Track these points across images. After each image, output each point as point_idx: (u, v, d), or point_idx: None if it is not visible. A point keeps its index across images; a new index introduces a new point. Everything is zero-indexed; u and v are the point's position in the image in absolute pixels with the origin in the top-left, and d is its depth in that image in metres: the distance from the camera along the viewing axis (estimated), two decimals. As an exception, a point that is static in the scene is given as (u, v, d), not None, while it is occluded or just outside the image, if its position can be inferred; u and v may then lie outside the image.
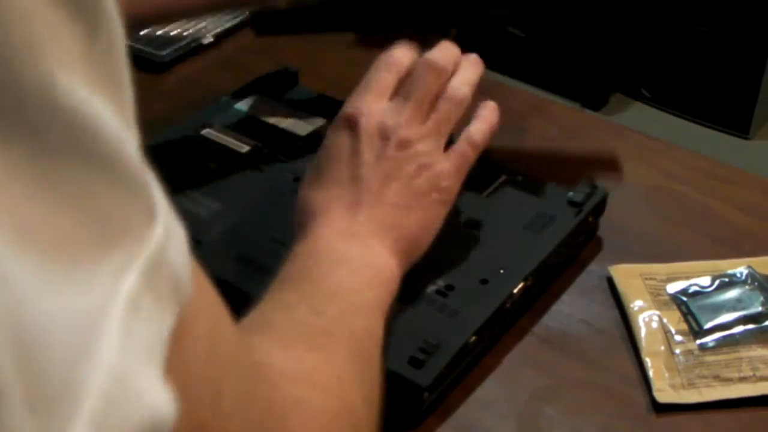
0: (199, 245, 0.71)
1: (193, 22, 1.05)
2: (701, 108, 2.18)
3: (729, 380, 0.64)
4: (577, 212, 0.74)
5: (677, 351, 0.66)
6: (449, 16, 0.82)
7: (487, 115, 0.69)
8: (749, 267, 0.72)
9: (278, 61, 0.99)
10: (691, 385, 0.64)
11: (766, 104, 2.14)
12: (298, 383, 0.48)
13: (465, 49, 0.71)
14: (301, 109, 0.86)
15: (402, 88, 0.66)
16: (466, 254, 0.70)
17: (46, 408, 0.25)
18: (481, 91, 0.97)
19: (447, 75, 0.68)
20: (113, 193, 0.29)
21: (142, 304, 0.29)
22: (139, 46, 1.00)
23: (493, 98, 0.96)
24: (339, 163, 0.63)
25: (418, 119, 0.65)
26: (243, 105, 0.87)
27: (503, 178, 0.78)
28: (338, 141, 0.64)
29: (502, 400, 0.64)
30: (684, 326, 0.68)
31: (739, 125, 2.15)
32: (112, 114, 0.29)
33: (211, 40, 1.04)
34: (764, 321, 0.67)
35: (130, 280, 0.28)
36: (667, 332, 0.68)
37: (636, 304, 0.70)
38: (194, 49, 1.02)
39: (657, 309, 0.69)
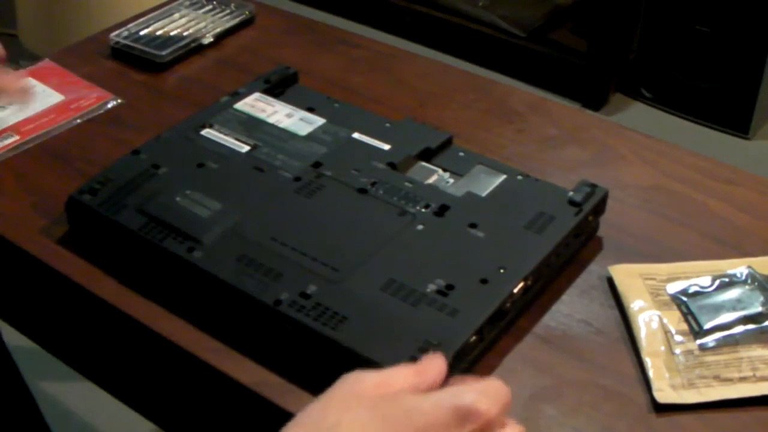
0: (199, 245, 0.71)
1: (193, 22, 1.05)
2: (701, 108, 2.18)
3: (729, 380, 0.64)
4: (577, 212, 0.74)
5: (677, 351, 0.66)
6: None
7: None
8: (749, 267, 0.72)
9: (278, 61, 0.99)
10: (691, 385, 0.64)
11: (765, 104, 2.14)
12: None
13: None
14: (301, 108, 0.86)
15: None
16: (466, 254, 0.70)
17: None
18: (482, 91, 0.97)
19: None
20: None
21: None
22: (139, 46, 1.00)
23: (493, 98, 0.96)
24: None
25: None
26: (243, 105, 0.87)
27: (503, 177, 0.78)
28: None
29: (502, 400, 0.64)
30: (684, 326, 0.68)
31: (739, 125, 2.15)
32: None
33: (211, 40, 1.04)
34: (764, 321, 0.67)
35: None
36: (667, 332, 0.68)
37: (636, 304, 0.70)
38: (194, 49, 1.02)
39: (657, 309, 0.69)
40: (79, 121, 0.92)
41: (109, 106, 0.94)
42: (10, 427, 1.18)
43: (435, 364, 0.54)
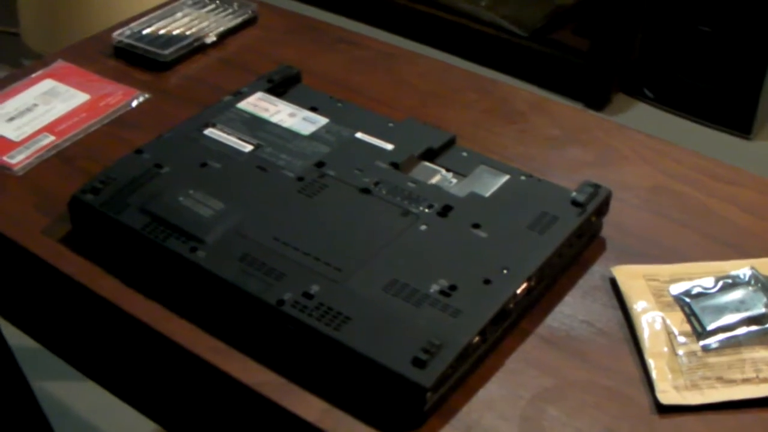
0: (201, 245, 0.71)
1: (196, 22, 1.05)
2: (703, 108, 2.18)
3: (732, 381, 0.64)
4: (580, 212, 0.74)
5: (680, 352, 0.66)
6: None
7: None
8: (752, 268, 0.72)
9: (280, 60, 0.99)
10: (694, 386, 0.64)
11: (767, 104, 2.14)
12: None
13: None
14: (304, 108, 0.86)
15: None
16: (469, 254, 0.70)
17: None
18: (484, 91, 0.97)
19: None
20: None
21: None
22: (142, 45, 1.00)
23: (495, 98, 0.96)
24: None
25: None
26: (245, 104, 0.87)
27: (506, 178, 0.78)
28: None
29: (505, 400, 0.64)
30: (687, 327, 0.68)
31: (741, 125, 2.14)
32: None
33: (214, 39, 1.04)
34: (767, 322, 0.67)
35: None
36: (670, 333, 0.68)
37: (639, 305, 0.70)
38: (197, 48, 1.02)
39: (660, 310, 0.69)
40: (111, 118, 0.91)
41: (136, 102, 0.93)
42: (12, 427, 1.18)
43: None
